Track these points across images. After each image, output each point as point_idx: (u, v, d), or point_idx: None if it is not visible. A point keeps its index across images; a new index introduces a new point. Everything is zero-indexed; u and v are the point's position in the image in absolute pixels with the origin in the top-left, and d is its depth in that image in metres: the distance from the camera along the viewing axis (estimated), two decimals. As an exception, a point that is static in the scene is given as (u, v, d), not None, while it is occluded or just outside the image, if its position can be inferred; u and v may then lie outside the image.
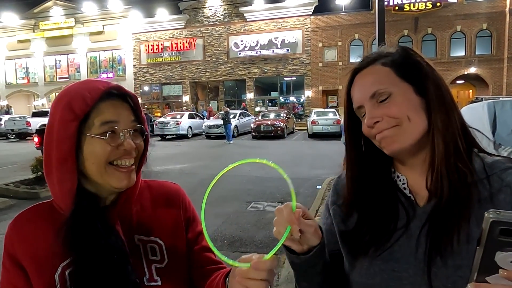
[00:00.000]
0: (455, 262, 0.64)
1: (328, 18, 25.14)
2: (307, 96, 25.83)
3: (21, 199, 6.51)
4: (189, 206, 0.91)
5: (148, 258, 0.79)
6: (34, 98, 32.26)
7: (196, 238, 0.88)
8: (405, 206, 0.73)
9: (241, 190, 6.83)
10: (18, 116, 22.30)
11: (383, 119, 0.70)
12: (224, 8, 27.02)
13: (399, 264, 0.69)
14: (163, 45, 28.21)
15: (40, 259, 0.72)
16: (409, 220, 0.71)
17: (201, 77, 27.87)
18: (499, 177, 0.68)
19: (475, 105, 5.13)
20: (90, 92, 0.73)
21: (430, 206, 0.70)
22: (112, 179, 0.73)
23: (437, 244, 0.66)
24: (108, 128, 0.73)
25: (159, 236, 0.82)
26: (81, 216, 0.72)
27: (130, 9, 28.55)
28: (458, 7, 22.92)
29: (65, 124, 0.72)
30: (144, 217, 0.83)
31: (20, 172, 8.89)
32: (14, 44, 31.64)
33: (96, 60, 30.31)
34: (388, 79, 0.71)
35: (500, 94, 21.30)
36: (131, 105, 0.79)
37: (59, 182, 0.73)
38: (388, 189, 0.76)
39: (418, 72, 0.72)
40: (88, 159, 0.73)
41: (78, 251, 0.70)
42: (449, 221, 0.66)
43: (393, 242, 0.71)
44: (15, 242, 0.74)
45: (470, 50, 23.01)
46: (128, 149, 0.74)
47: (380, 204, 0.75)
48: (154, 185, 0.90)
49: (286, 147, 14.09)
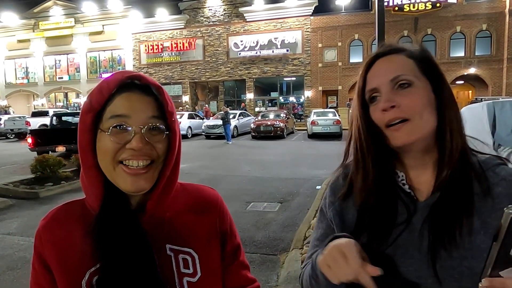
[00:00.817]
0: (460, 254, 0.66)
1: (328, 18, 25.15)
2: (306, 96, 25.83)
3: (20, 199, 6.50)
4: (226, 216, 0.82)
5: (180, 271, 0.72)
6: (33, 98, 32.24)
7: (234, 253, 0.81)
8: (405, 202, 0.74)
9: (240, 190, 6.83)
10: (18, 116, 22.28)
11: (400, 106, 0.69)
12: (224, 8, 27.02)
13: (405, 259, 0.70)
14: (163, 45, 28.21)
15: (68, 263, 0.69)
16: (410, 214, 0.72)
17: (201, 77, 27.87)
18: (494, 172, 0.72)
19: (475, 106, 5.13)
20: (109, 83, 0.68)
21: (431, 200, 0.72)
22: (119, 180, 0.67)
23: (441, 237, 0.68)
24: (115, 122, 0.66)
25: (192, 247, 0.74)
26: (108, 218, 0.67)
27: (130, 9, 28.54)
28: (458, 8, 22.93)
29: (83, 117, 0.68)
30: (178, 225, 0.75)
31: (19, 172, 8.89)
32: (13, 44, 31.62)
33: (96, 60, 30.30)
34: (411, 70, 0.73)
35: (499, 94, 21.31)
36: (157, 98, 0.70)
37: (85, 177, 0.70)
38: (388, 184, 0.76)
39: (436, 71, 0.75)
40: (99, 155, 0.68)
41: (105, 257, 0.66)
42: (452, 214, 0.69)
43: (396, 237, 0.72)
44: (44, 243, 0.71)
45: (469, 51, 23.02)
46: (136, 149, 0.65)
47: (381, 200, 0.75)
48: (190, 189, 0.83)
49: (285, 147, 14.09)
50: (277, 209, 5.70)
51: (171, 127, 0.71)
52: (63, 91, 31.52)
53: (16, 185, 7.17)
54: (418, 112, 0.69)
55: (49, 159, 7.48)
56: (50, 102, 31.78)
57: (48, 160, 7.44)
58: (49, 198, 6.61)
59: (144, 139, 0.66)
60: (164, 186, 0.72)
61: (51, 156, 7.80)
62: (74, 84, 30.71)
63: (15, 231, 4.83)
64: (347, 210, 0.80)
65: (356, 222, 0.77)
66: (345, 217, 0.80)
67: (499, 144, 4.14)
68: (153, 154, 0.68)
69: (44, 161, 7.41)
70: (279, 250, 4.02)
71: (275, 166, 9.51)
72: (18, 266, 3.73)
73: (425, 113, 0.70)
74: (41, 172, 7.42)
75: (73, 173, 7.93)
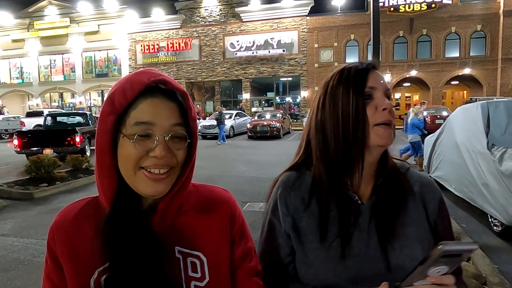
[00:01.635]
0: (400, 244, 0.78)
1: (324, 18, 25.21)
2: (303, 96, 25.88)
3: (14, 199, 6.44)
4: (238, 219, 0.80)
5: (188, 274, 0.71)
6: (28, 98, 32.02)
7: (244, 258, 0.77)
8: (350, 206, 0.81)
9: (236, 191, 6.82)
10: (12, 116, 22.11)
11: (390, 112, 0.79)
12: (220, 8, 26.99)
13: (360, 258, 0.77)
14: (159, 45, 28.13)
15: (78, 260, 0.69)
16: (356, 217, 0.80)
17: (197, 77, 27.82)
18: (408, 174, 0.87)
19: (470, 106, 5.17)
20: (133, 85, 0.66)
21: (371, 202, 0.82)
22: (140, 184, 0.66)
23: (384, 232, 0.78)
24: (139, 130, 0.65)
25: (201, 251, 0.73)
26: (118, 217, 0.67)
27: (125, 9, 28.44)
28: (453, 8, 23.07)
29: (104, 117, 0.66)
30: (188, 227, 0.74)
31: (13, 173, 8.82)
32: (8, 43, 31.39)
33: (91, 60, 30.15)
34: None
35: (494, 95, 21.48)
36: (181, 104, 0.69)
37: (99, 177, 0.69)
38: (342, 190, 0.82)
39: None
40: (119, 159, 0.67)
41: (114, 257, 0.65)
42: (390, 211, 0.80)
43: (348, 239, 0.78)
44: (57, 239, 0.71)
45: (464, 51, 23.18)
46: (159, 157, 0.65)
47: (331, 206, 0.81)
48: (202, 190, 0.81)
49: (282, 148, 14.09)
50: (273, 209, 5.70)
51: (193, 134, 0.71)
52: (58, 91, 31.33)
53: (10, 185, 7.11)
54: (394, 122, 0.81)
55: (43, 159, 7.42)
56: (45, 102, 31.58)
57: (42, 160, 7.38)
58: (43, 199, 6.55)
59: (167, 147, 0.66)
60: (178, 189, 0.72)
61: (45, 156, 7.73)
62: (69, 84, 30.54)
63: (9, 232, 4.79)
64: (300, 219, 0.82)
65: (320, 230, 0.80)
66: (299, 225, 0.82)
67: (493, 144, 4.17)
68: (173, 162, 0.68)
69: (38, 161, 7.34)
70: (275, 250, 4.02)
71: (271, 166, 9.51)
72: (12, 268, 3.69)
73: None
74: (35, 173, 7.36)
75: (68, 174, 7.88)
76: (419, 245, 0.78)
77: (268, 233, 0.87)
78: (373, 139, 0.77)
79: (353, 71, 0.80)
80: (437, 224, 0.83)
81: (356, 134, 0.77)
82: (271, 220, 0.87)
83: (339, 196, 0.80)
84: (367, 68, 0.80)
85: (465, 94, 24.66)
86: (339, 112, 0.78)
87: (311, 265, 0.79)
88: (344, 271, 0.76)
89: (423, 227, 0.81)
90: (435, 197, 0.85)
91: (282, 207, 0.84)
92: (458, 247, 0.58)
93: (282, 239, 0.84)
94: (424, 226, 0.81)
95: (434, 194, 0.85)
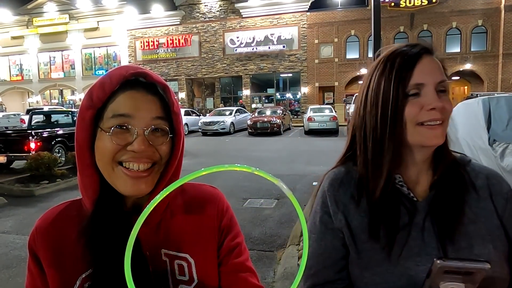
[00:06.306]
0: (468, 242, 0.71)
1: (324, 14, 25.08)
2: (303, 92, 25.81)
3: (15, 197, 6.46)
4: (227, 214, 0.76)
5: (175, 277, 0.68)
6: (28, 95, 31.97)
7: (230, 253, 0.73)
8: (404, 203, 0.75)
9: (237, 187, 6.83)
10: (13, 114, 22.10)
11: (441, 110, 0.71)
12: (220, 4, 26.86)
13: (421, 258, 0.71)
14: (158, 42, 28.03)
15: (61, 266, 0.66)
16: (411, 215, 0.74)
17: (197, 74, 27.75)
18: (470, 167, 0.79)
19: (471, 101, 5.14)
20: (112, 78, 0.63)
21: (429, 199, 0.75)
22: (119, 182, 0.63)
23: (446, 229, 0.72)
24: (117, 122, 0.62)
25: (189, 253, 0.69)
26: (100, 220, 0.64)
27: (125, 5, 28.31)
28: (454, 4, 22.94)
29: (82, 113, 0.64)
30: (174, 228, 0.70)
31: (14, 170, 8.82)
32: (7, 40, 31.29)
33: (91, 56, 30.07)
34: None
35: (495, 90, 21.41)
36: (163, 98, 0.67)
37: (80, 176, 0.66)
38: (392, 187, 0.77)
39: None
40: (96, 154, 0.64)
41: (97, 263, 0.62)
42: (451, 207, 0.73)
43: (406, 239, 0.73)
44: (39, 244, 0.68)
45: (465, 46, 23.08)
46: (137, 151, 0.62)
47: (387, 203, 0.75)
48: (188, 189, 0.77)
49: (282, 144, 14.08)
50: (273, 205, 5.71)
51: (176, 128, 0.68)
52: (58, 88, 31.28)
53: (11, 183, 7.12)
54: (448, 118, 0.73)
55: (44, 157, 7.43)
56: (45, 99, 31.55)
57: (43, 158, 7.39)
58: (44, 196, 6.57)
59: (146, 142, 0.63)
60: (163, 188, 0.69)
61: (46, 153, 7.73)
62: (69, 81, 30.48)
63: (10, 230, 4.80)
64: (351, 217, 0.78)
65: (369, 229, 0.75)
66: (351, 224, 0.78)
67: (494, 140, 4.16)
68: (155, 157, 0.65)
69: (39, 159, 7.35)
70: (276, 247, 4.03)
71: (272, 163, 9.51)
72: (14, 265, 3.71)
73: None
74: (36, 170, 7.37)
75: (69, 171, 7.88)
76: (490, 244, 0.70)
77: (321, 234, 0.81)
78: (416, 139, 0.71)
79: (398, 61, 0.72)
80: (505, 220, 0.74)
81: (392, 134, 0.72)
82: (322, 218, 0.81)
83: (387, 192, 0.75)
84: (417, 54, 0.71)
85: (466, 90, 24.57)
86: (379, 110, 0.73)
87: (366, 267, 0.74)
88: (404, 273, 0.71)
89: (492, 223, 0.73)
90: (503, 189, 0.76)
91: (332, 204, 0.80)
92: (458, 265, 0.54)
93: (336, 239, 0.79)
94: (494, 223, 0.73)
95: (501, 186, 0.77)
